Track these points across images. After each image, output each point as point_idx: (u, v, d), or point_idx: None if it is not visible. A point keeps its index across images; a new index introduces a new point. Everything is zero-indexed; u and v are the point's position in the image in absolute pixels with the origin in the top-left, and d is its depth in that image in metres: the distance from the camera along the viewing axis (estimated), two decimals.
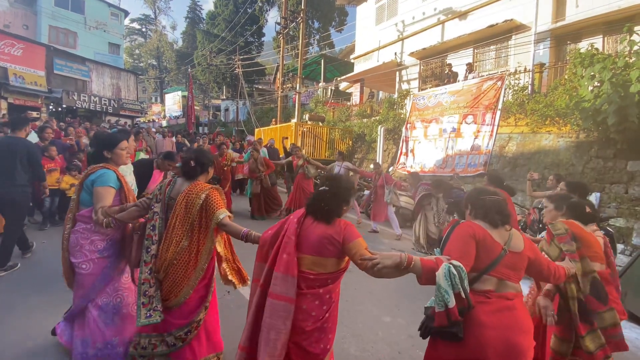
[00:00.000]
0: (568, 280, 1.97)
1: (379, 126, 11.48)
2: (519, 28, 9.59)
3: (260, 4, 28.69)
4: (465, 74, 9.89)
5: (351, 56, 16.85)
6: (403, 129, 10.22)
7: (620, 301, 2.18)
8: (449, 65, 10.58)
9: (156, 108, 36.78)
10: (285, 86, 18.37)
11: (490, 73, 9.79)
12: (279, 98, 16.96)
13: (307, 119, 14.65)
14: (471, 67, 9.96)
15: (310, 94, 21.18)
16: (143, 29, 45.33)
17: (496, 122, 7.80)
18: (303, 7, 14.91)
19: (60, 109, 19.65)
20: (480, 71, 10.23)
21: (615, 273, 2.27)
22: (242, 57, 23.01)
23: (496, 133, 7.82)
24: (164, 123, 29.44)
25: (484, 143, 7.94)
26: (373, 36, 14.55)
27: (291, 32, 19.01)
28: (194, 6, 40.81)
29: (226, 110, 30.19)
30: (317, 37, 28.47)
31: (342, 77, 17.24)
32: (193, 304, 2.16)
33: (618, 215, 5.93)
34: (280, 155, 9.72)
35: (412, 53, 12.20)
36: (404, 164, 9.88)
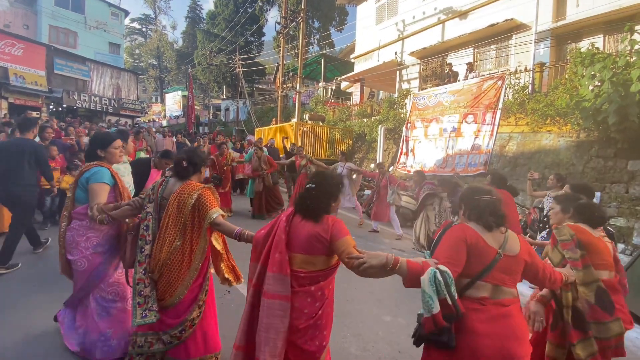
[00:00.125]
0: (565, 287, 1.92)
1: (379, 126, 11.48)
2: (520, 27, 9.58)
3: (260, 4, 28.66)
4: (465, 74, 9.88)
5: (351, 56, 16.84)
6: (403, 129, 10.22)
7: (627, 310, 2.08)
8: (449, 64, 10.58)
9: (156, 108, 36.80)
10: (285, 86, 18.37)
11: (490, 72, 9.78)
12: (279, 98, 16.96)
13: (308, 119, 14.65)
14: (471, 67, 9.96)
15: (310, 94, 21.17)
16: (143, 29, 45.34)
17: (496, 122, 7.80)
18: (303, 7, 14.91)
19: (60, 109, 19.69)
20: (480, 71, 10.22)
21: (623, 279, 2.17)
22: (242, 57, 23.01)
23: (496, 132, 7.81)
24: (164, 123, 29.46)
25: (485, 142, 7.94)
26: (373, 36, 14.55)
27: (291, 32, 18.99)
28: (194, 6, 40.78)
29: (226, 109, 30.19)
30: (317, 37, 28.45)
31: (343, 77, 17.24)
32: (187, 303, 2.16)
33: (618, 214, 5.93)
34: (280, 155, 9.71)
35: (413, 52, 12.19)
36: (404, 164, 9.88)
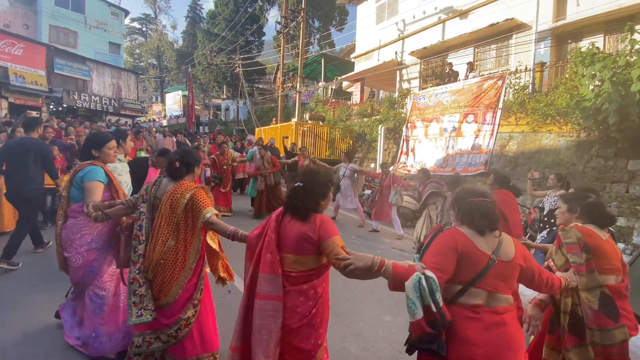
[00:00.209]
0: (565, 293, 1.85)
1: (380, 125, 11.47)
2: (520, 27, 9.57)
3: (260, 3, 28.64)
4: (466, 73, 9.88)
5: (352, 55, 16.84)
6: (404, 128, 10.23)
7: (633, 316, 1.97)
8: (450, 64, 10.57)
9: (157, 107, 36.82)
10: (285, 85, 18.36)
11: (491, 72, 9.78)
12: (280, 97, 16.96)
13: (308, 119, 14.64)
14: (472, 66, 9.95)
15: (310, 94, 21.16)
16: (143, 29, 45.31)
17: (497, 121, 7.80)
18: (303, 6, 14.91)
19: (60, 109, 19.70)
20: (481, 70, 10.22)
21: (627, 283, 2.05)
22: (243, 57, 23.00)
23: (497, 132, 7.82)
24: (165, 122, 29.48)
25: (485, 142, 7.94)
26: (373, 35, 14.54)
27: (291, 32, 18.98)
28: (194, 5, 40.76)
29: (227, 109, 30.19)
30: (318, 37, 28.44)
31: (343, 77, 17.23)
32: (181, 303, 2.17)
33: (619, 214, 5.94)
34: (280, 154, 9.71)
35: (413, 52, 12.19)
36: (405, 163, 9.89)
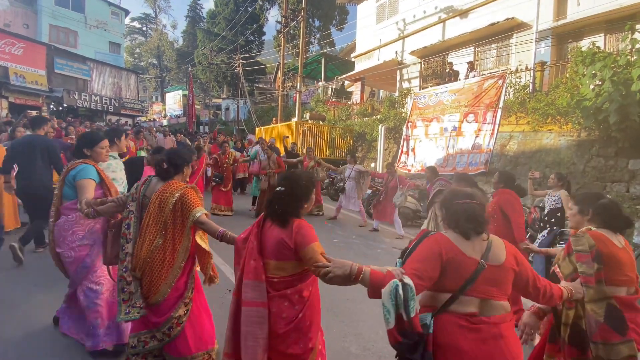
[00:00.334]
0: (568, 304, 1.73)
1: (380, 125, 11.48)
2: (520, 26, 9.57)
3: (260, 3, 28.60)
4: (466, 73, 9.88)
5: (352, 55, 16.83)
6: (404, 128, 10.23)
7: None
8: (450, 63, 10.57)
9: (157, 107, 36.83)
10: (285, 85, 18.36)
11: (491, 72, 9.78)
12: (280, 97, 16.95)
13: (308, 118, 14.64)
14: (472, 66, 9.95)
15: (310, 93, 21.16)
16: (143, 28, 45.26)
17: (497, 121, 7.81)
18: (303, 6, 14.91)
19: (61, 108, 19.70)
20: (481, 70, 10.22)
21: None
22: (243, 56, 23.00)
23: (497, 132, 7.82)
24: (165, 122, 29.51)
25: (485, 142, 7.95)
26: (374, 35, 14.53)
27: (292, 31, 18.96)
28: (195, 5, 40.71)
29: (227, 109, 30.20)
30: (318, 36, 28.43)
31: (343, 76, 17.23)
32: (172, 301, 2.18)
33: None
34: (280, 154, 9.71)
35: (413, 52, 12.19)
36: (405, 163, 9.90)
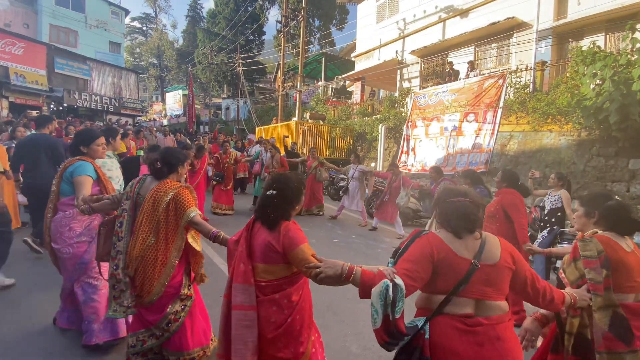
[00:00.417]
0: (573, 312, 1.66)
1: (380, 125, 11.47)
2: (521, 26, 9.56)
3: (260, 3, 28.60)
4: (466, 72, 9.87)
5: (352, 54, 16.83)
6: (404, 128, 10.22)
7: None
8: (450, 63, 10.56)
9: (157, 107, 36.83)
10: (286, 85, 18.33)
11: (491, 71, 9.77)
12: (280, 97, 16.94)
13: (308, 118, 14.64)
14: (472, 65, 9.95)
15: (311, 93, 21.14)
16: (144, 28, 45.23)
17: (497, 121, 7.79)
18: (304, 5, 14.91)
19: (61, 108, 19.71)
20: (481, 69, 10.21)
21: None
22: (243, 56, 22.99)
23: (497, 131, 7.80)
24: (165, 122, 29.48)
25: (485, 141, 7.93)
26: (374, 34, 14.52)
27: (292, 31, 18.94)
28: (195, 4, 40.70)
29: (227, 109, 30.19)
30: (318, 36, 28.43)
31: (343, 76, 17.21)
32: (167, 298, 2.20)
33: None
34: (281, 153, 9.71)
35: (413, 51, 12.18)
36: (405, 163, 9.88)
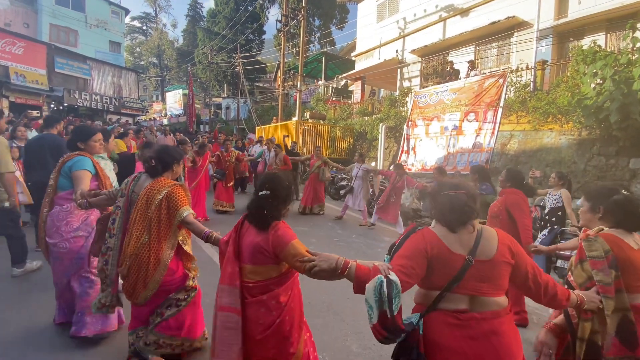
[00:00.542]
0: (584, 315, 1.56)
1: (380, 124, 11.47)
2: (521, 25, 9.55)
3: (261, 2, 28.58)
4: (467, 72, 9.86)
5: (352, 54, 16.82)
6: (404, 127, 10.20)
7: None
8: (451, 62, 10.55)
9: (157, 106, 36.84)
10: (286, 84, 18.33)
11: (492, 70, 9.76)
12: (280, 96, 16.94)
13: (308, 117, 14.64)
14: (473, 65, 9.94)
15: (311, 92, 21.13)
16: (144, 27, 45.24)
17: (498, 120, 7.77)
18: (304, 5, 14.89)
19: (61, 108, 19.70)
20: (482, 68, 10.20)
21: None
22: (243, 55, 22.98)
23: (498, 131, 7.79)
24: (165, 121, 29.48)
25: (486, 141, 7.92)
26: (374, 33, 14.51)
27: (292, 30, 18.94)
28: (195, 4, 40.68)
29: (227, 108, 30.19)
30: (318, 35, 28.41)
31: (343, 75, 17.22)
32: (165, 294, 2.21)
33: None
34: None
35: (414, 50, 12.17)
36: (405, 162, 9.87)
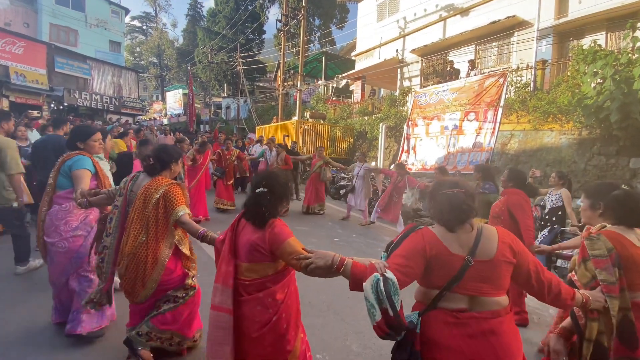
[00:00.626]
0: (591, 315, 1.53)
1: (381, 124, 11.47)
2: (521, 24, 9.54)
3: (261, 1, 28.57)
4: (467, 71, 9.85)
5: (352, 53, 16.82)
6: (404, 127, 10.20)
7: None
8: (451, 62, 10.55)
9: (157, 106, 36.82)
10: (286, 84, 18.32)
11: (492, 70, 9.75)
12: (280, 96, 16.93)
13: (308, 117, 14.63)
14: (473, 64, 9.93)
15: (311, 92, 21.12)
16: (144, 27, 45.20)
17: (498, 119, 7.77)
18: (304, 4, 14.88)
19: (61, 107, 19.68)
20: (482, 68, 10.19)
21: None
22: (243, 55, 22.97)
23: (498, 130, 7.79)
24: (165, 121, 29.49)
25: (486, 140, 7.92)
26: (374, 33, 14.50)
27: (292, 30, 18.93)
28: (195, 4, 40.66)
29: (227, 108, 30.18)
30: (318, 34, 28.39)
31: (344, 75, 17.21)
32: (161, 292, 2.21)
33: None
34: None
35: (414, 50, 12.16)
36: (406, 162, 9.87)
